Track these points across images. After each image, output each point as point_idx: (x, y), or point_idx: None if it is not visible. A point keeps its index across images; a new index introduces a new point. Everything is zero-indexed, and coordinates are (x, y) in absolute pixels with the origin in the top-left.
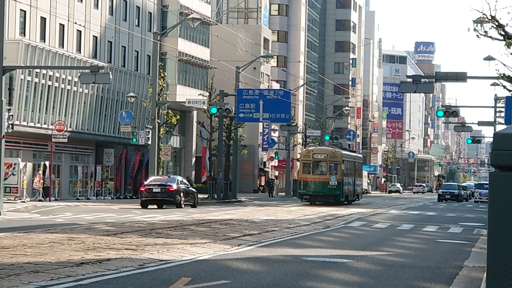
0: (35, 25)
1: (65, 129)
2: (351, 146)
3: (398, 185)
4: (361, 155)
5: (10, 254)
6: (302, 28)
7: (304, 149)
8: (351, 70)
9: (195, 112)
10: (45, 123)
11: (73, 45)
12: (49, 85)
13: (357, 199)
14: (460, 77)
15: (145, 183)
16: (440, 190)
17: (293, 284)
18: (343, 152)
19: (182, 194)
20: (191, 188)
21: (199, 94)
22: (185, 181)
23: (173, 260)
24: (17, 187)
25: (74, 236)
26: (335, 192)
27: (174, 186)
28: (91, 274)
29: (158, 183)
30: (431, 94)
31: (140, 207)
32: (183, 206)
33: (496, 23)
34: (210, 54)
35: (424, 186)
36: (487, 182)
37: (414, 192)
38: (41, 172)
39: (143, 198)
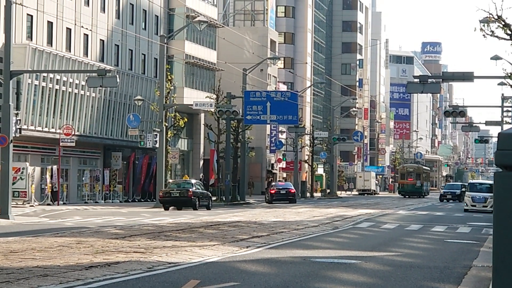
0: (42, 29)
1: (73, 133)
2: (359, 147)
3: None
4: (428, 168)
5: (19, 258)
6: (309, 30)
7: (401, 165)
8: (358, 71)
9: (202, 115)
10: (52, 127)
11: (80, 49)
12: (56, 89)
13: (427, 194)
14: (467, 77)
15: (273, 187)
16: (442, 190)
17: (302, 286)
18: (423, 167)
19: (296, 193)
20: None
21: (206, 97)
22: (292, 184)
23: (182, 263)
24: (26, 191)
25: (83, 240)
26: (419, 190)
27: (293, 189)
28: (100, 277)
29: (282, 187)
30: (438, 94)
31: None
32: (296, 202)
33: (503, 23)
34: (217, 57)
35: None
36: (483, 182)
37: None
38: (49, 176)
39: (273, 198)
